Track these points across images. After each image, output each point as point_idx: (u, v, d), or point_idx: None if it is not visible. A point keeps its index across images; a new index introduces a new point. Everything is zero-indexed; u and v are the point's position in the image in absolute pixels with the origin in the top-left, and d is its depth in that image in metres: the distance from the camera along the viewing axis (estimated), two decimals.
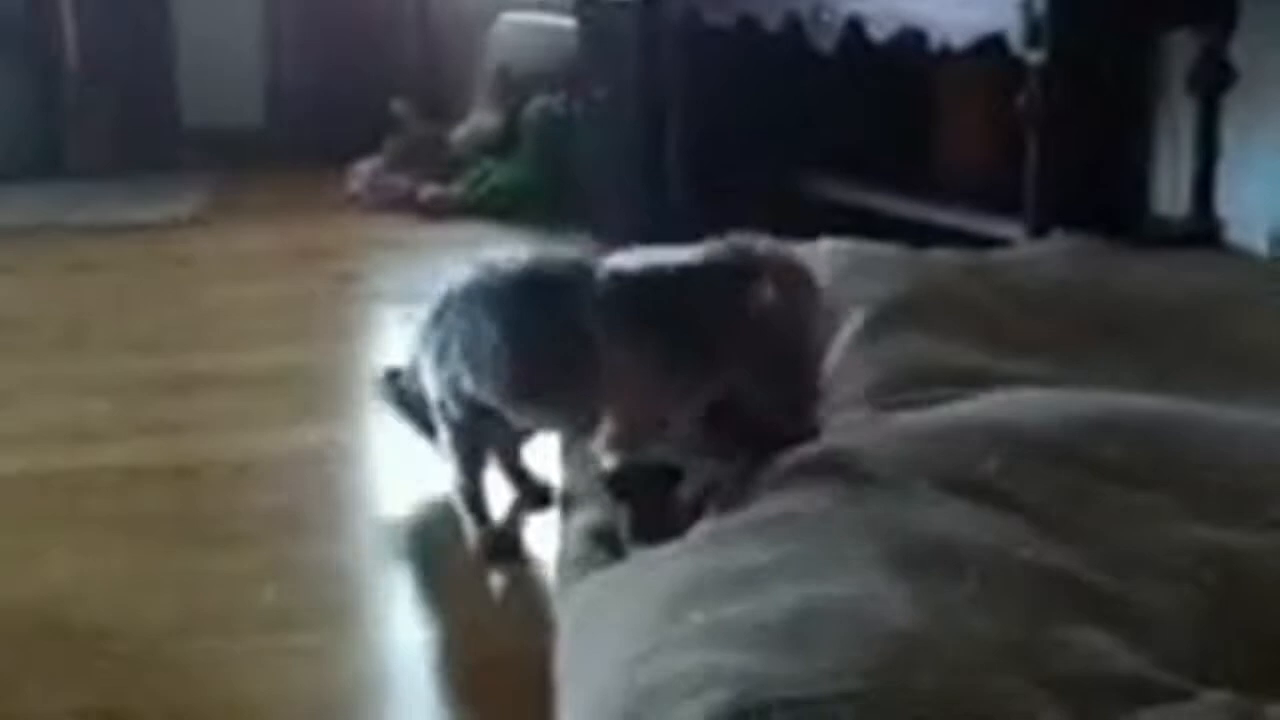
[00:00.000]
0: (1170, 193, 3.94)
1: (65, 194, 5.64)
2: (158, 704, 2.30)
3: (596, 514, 2.29)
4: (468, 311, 2.57)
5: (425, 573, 2.82)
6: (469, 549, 2.79)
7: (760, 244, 2.29)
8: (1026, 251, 3.12)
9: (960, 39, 3.50)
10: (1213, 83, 3.55)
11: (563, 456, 2.67)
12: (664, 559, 1.91)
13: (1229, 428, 2.12)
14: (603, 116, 4.82)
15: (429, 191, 5.42)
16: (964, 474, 1.96)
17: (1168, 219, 3.93)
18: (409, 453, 3.02)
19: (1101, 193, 3.93)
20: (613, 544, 2.18)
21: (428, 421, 2.89)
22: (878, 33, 3.71)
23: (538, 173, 5.33)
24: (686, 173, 4.54)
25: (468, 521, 2.80)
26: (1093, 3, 3.46)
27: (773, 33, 4.06)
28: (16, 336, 4.09)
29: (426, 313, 2.72)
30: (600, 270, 2.38)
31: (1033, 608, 1.66)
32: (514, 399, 2.56)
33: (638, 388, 2.27)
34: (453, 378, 2.63)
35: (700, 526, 1.99)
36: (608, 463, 2.28)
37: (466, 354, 2.57)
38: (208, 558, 2.76)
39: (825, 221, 3.31)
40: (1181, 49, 3.71)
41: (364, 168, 5.62)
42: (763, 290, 2.17)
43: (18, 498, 3.06)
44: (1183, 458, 2.03)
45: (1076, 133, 3.52)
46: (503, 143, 5.56)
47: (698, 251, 2.30)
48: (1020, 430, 2.09)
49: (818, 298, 2.25)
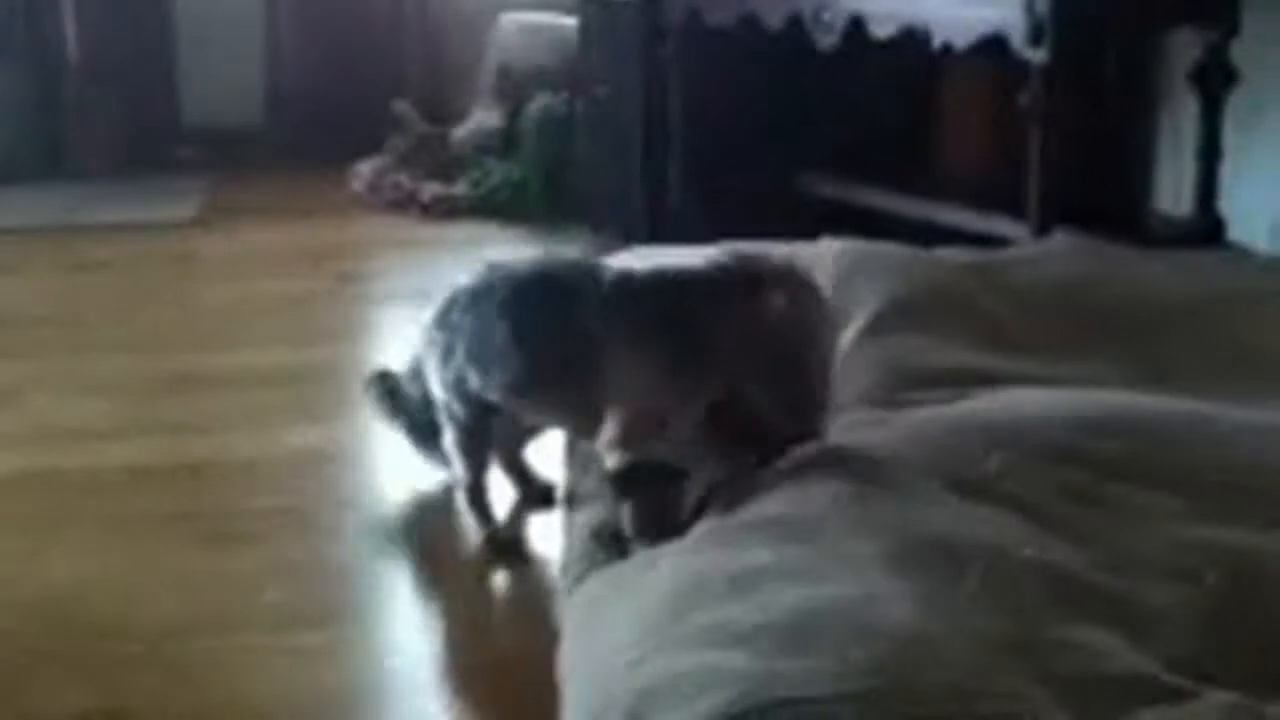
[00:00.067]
0: (1172, 191, 3.94)
1: (66, 194, 5.63)
2: (158, 704, 2.30)
3: (599, 513, 2.30)
4: (475, 311, 2.60)
5: (427, 572, 2.82)
6: (472, 549, 2.79)
7: (766, 254, 2.34)
8: (1028, 251, 3.12)
9: (962, 38, 3.50)
10: (1215, 82, 3.54)
11: (566, 456, 2.67)
12: (666, 558, 1.91)
13: (1231, 427, 2.12)
14: (604, 116, 4.82)
15: (430, 191, 5.41)
16: (965, 474, 1.96)
17: (1170, 218, 3.93)
18: (409, 453, 3.01)
19: (1103, 192, 3.93)
20: (615, 543, 2.18)
21: (416, 426, 2.91)
22: (879, 32, 3.71)
23: (539, 172, 5.32)
24: (687, 172, 4.53)
25: (471, 521, 2.80)
26: (1095, 2, 3.46)
27: (774, 32, 4.06)
28: (17, 336, 4.08)
29: (431, 313, 2.74)
30: (607, 273, 2.44)
31: (1034, 607, 1.66)
32: (520, 396, 2.58)
33: (640, 389, 2.30)
34: (459, 377, 2.64)
35: (702, 526, 1.99)
36: (611, 462, 2.30)
37: (473, 352, 2.60)
38: (208, 558, 2.76)
39: (827, 221, 3.32)
40: (1183, 48, 3.71)
41: (365, 167, 5.61)
42: (767, 300, 2.20)
43: (18, 498, 3.05)
44: (1185, 457, 2.02)
45: (1078, 132, 3.52)
46: (504, 142, 5.55)
47: (705, 256, 2.34)
48: (1022, 430, 2.09)
49: (823, 308, 2.28)
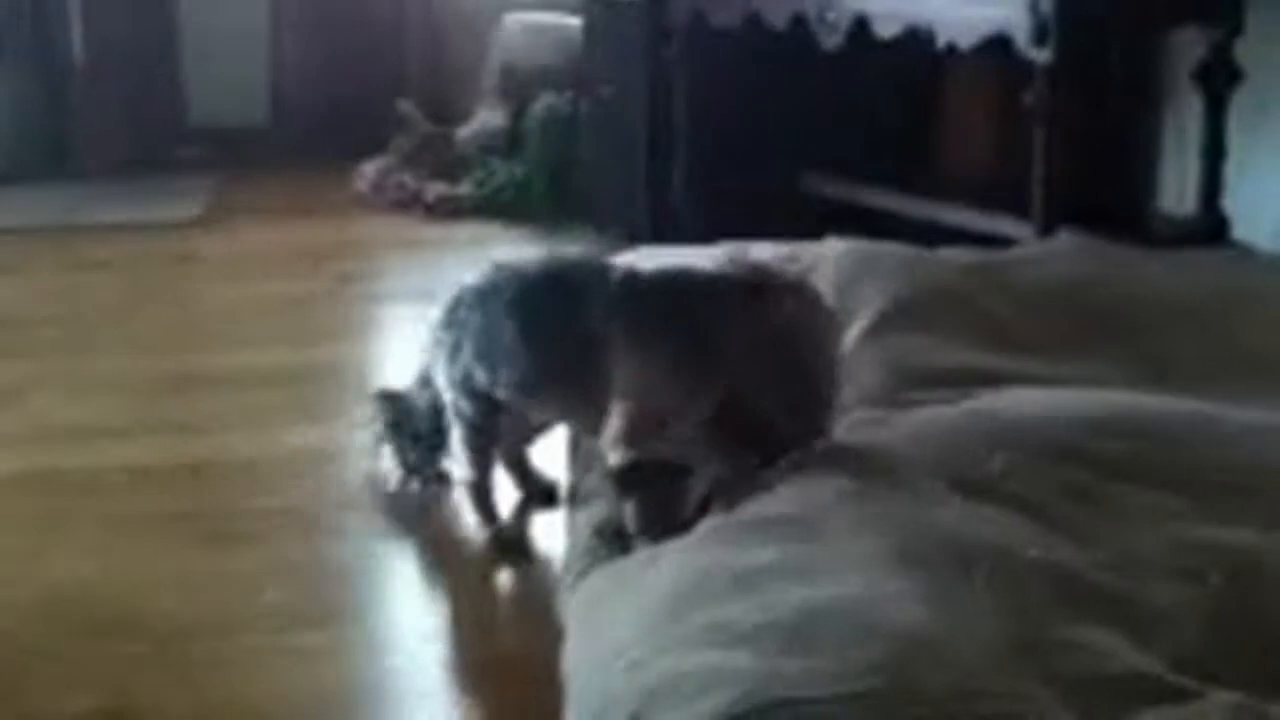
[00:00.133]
0: (1176, 191, 3.93)
1: (70, 194, 5.63)
2: (158, 704, 2.29)
3: (602, 511, 2.30)
4: (481, 309, 2.62)
5: (429, 571, 2.81)
6: (475, 547, 2.78)
7: (769, 262, 2.37)
8: (1032, 251, 3.11)
9: (967, 38, 3.50)
10: (1219, 81, 3.54)
11: (569, 455, 2.67)
12: (668, 556, 1.90)
13: (1234, 427, 2.11)
14: (608, 116, 4.82)
15: (435, 191, 5.40)
16: (969, 473, 1.96)
17: (1174, 217, 3.92)
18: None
19: (1107, 191, 3.92)
20: (618, 540, 2.19)
21: (420, 444, 2.91)
22: (884, 32, 3.70)
23: (543, 172, 5.31)
24: (691, 172, 4.53)
25: (475, 520, 2.80)
26: (1099, 2, 3.46)
27: (778, 32, 4.05)
28: (20, 336, 4.08)
29: (437, 314, 2.75)
30: (614, 271, 2.47)
31: (1038, 607, 1.65)
32: (526, 393, 2.60)
33: (643, 387, 2.31)
34: (466, 374, 2.65)
35: (705, 524, 1.99)
36: (614, 459, 2.31)
37: (480, 350, 2.61)
38: (208, 558, 2.76)
39: (831, 221, 3.31)
40: (1188, 47, 3.70)
41: (369, 168, 5.61)
42: (770, 304, 2.23)
43: (20, 497, 3.05)
44: (1187, 458, 2.02)
45: (1082, 131, 3.52)
46: (508, 142, 5.54)
47: (714, 259, 2.37)
48: (1026, 430, 2.09)
49: (827, 316, 2.31)
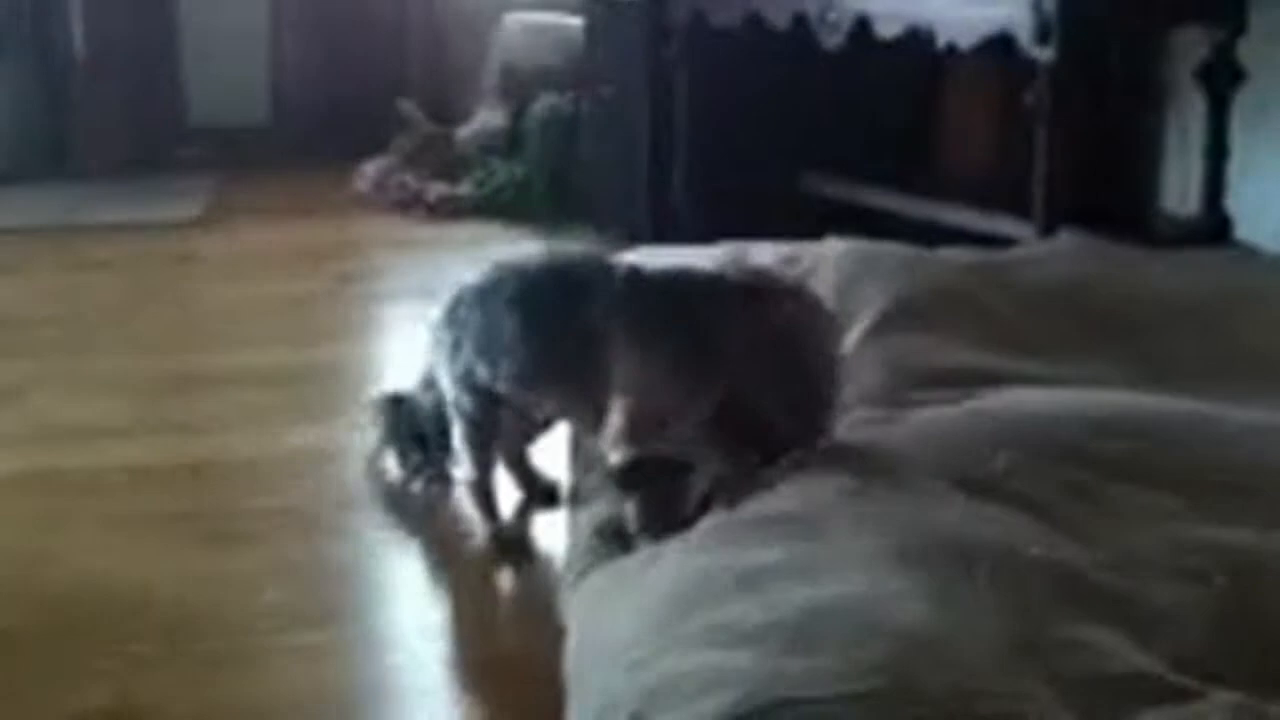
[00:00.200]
0: (1179, 191, 3.93)
1: (70, 193, 5.63)
2: (159, 703, 2.28)
3: (603, 509, 2.29)
4: (482, 306, 2.63)
5: (430, 571, 2.81)
6: (476, 546, 2.78)
7: (768, 265, 2.41)
8: (1033, 251, 3.11)
9: (968, 38, 3.49)
10: (1222, 80, 3.53)
11: (570, 455, 2.67)
12: (669, 555, 1.90)
13: (1234, 428, 2.11)
14: (609, 116, 4.82)
15: (435, 191, 5.41)
16: (972, 472, 1.96)
17: (1176, 217, 3.91)
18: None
19: (1109, 191, 3.92)
20: (619, 539, 2.19)
21: (417, 454, 2.92)
22: (885, 31, 3.70)
23: (543, 172, 5.32)
24: (692, 172, 4.53)
25: (476, 519, 2.80)
26: (1101, 1, 3.45)
27: (779, 32, 4.05)
28: (20, 336, 4.07)
29: (438, 312, 2.75)
30: (617, 269, 2.48)
31: (1040, 606, 1.65)
32: (527, 387, 2.60)
33: (643, 386, 2.31)
34: (467, 370, 2.66)
35: (707, 522, 1.99)
36: (615, 457, 2.31)
37: (480, 345, 2.62)
38: (208, 558, 2.75)
39: (832, 221, 3.31)
40: (1190, 47, 3.70)
41: (370, 167, 5.61)
42: (770, 305, 2.24)
43: (20, 497, 3.04)
44: (1189, 457, 2.02)
45: (1084, 131, 3.51)
46: (508, 142, 5.55)
47: (715, 260, 2.37)
48: (1027, 429, 2.08)
49: (827, 318, 2.32)
